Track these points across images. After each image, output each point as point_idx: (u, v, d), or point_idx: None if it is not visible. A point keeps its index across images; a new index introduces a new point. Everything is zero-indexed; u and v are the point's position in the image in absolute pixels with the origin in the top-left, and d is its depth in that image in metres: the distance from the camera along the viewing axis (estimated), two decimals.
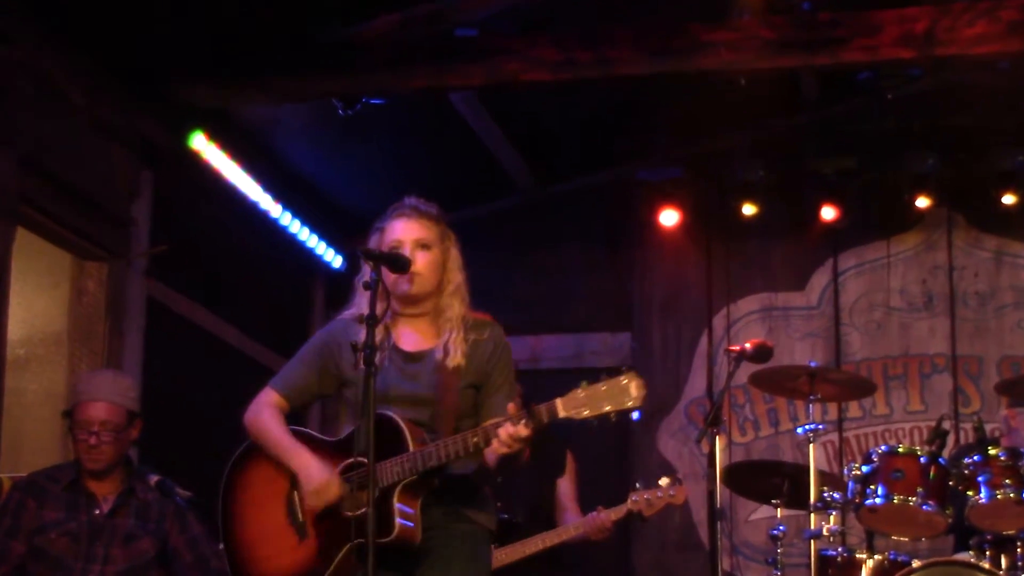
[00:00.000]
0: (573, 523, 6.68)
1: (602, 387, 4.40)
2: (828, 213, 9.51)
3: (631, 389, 4.37)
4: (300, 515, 4.69)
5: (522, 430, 4.42)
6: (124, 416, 5.76)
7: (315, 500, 4.61)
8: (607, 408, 4.38)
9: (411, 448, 4.53)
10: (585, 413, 4.40)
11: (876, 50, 7.17)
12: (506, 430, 4.43)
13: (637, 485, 6.56)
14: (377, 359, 4.58)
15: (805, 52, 7.28)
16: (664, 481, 6.52)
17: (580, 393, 4.41)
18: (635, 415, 4.42)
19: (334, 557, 4.56)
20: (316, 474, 4.62)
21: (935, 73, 8.80)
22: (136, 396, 5.88)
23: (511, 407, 4.51)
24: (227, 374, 8.37)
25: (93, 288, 7.34)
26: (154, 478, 5.84)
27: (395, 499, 4.51)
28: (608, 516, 6.57)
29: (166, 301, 7.95)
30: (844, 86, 9.02)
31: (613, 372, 4.43)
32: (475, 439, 4.50)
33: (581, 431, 6.04)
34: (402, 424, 4.56)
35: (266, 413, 4.81)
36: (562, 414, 4.42)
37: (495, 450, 4.50)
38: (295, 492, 4.71)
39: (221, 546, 4.86)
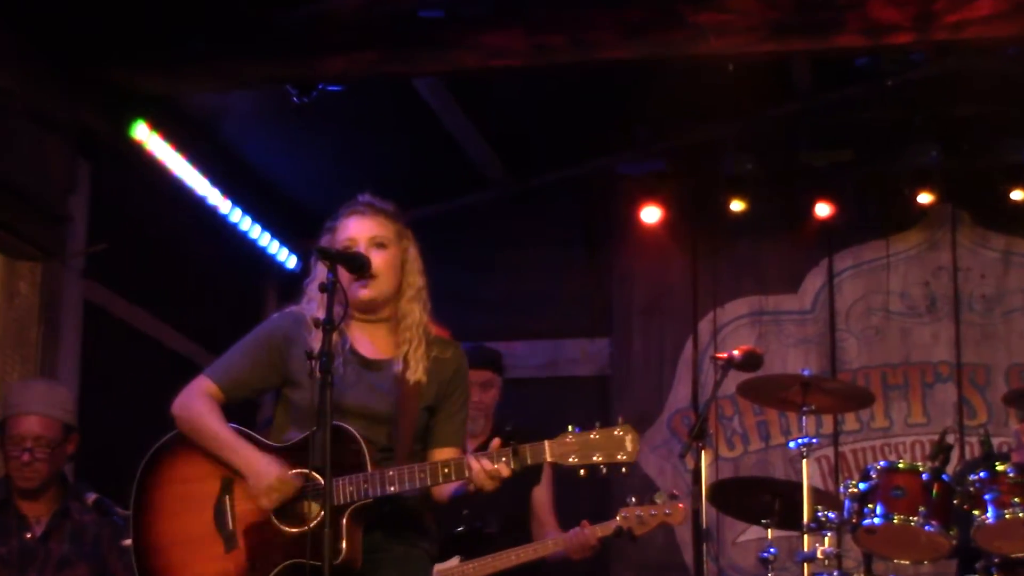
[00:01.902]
0: (552, 538, 6.64)
1: (593, 435, 4.45)
2: (823, 210, 9.52)
3: (626, 443, 4.44)
4: (230, 523, 4.62)
5: (503, 469, 4.45)
6: (59, 430, 5.74)
7: (267, 500, 4.54)
8: (597, 459, 4.43)
9: (369, 468, 4.52)
10: (573, 460, 4.45)
11: (873, 34, 7.18)
12: (485, 466, 4.44)
13: (631, 500, 6.54)
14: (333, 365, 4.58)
15: (798, 36, 7.29)
16: (660, 497, 6.49)
17: (569, 438, 4.46)
18: (623, 469, 4.47)
19: (267, 573, 4.52)
20: (267, 470, 4.56)
21: (938, 59, 8.81)
22: (72, 408, 5.86)
23: (495, 443, 4.52)
24: (171, 383, 8.29)
25: (25, 290, 7.30)
26: (92, 496, 5.82)
27: (344, 521, 4.49)
28: (594, 532, 6.51)
29: (105, 304, 7.92)
30: (840, 73, 9.03)
31: (606, 423, 4.48)
32: (446, 469, 4.51)
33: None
34: (361, 440, 4.54)
35: (201, 402, 4.76)
36: (549, 458, 4.46)
37: (466, 483, 4.51)
38: (226, 497, 4.65)
39: (128, 541, 4.77)
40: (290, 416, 4.75)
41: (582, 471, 4.46)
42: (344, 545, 4.45)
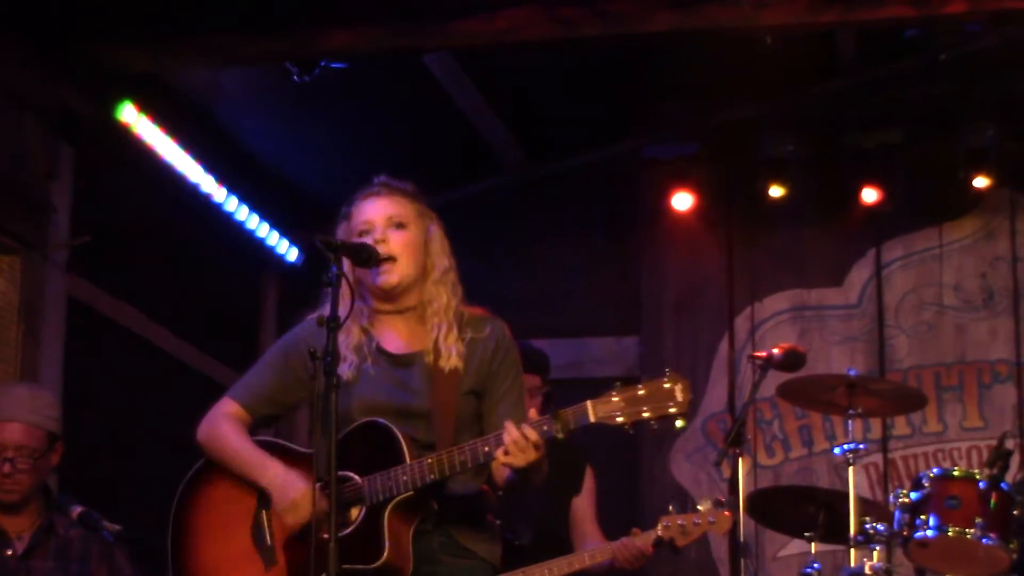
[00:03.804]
0: (599, 547, 6.63)
1: (640, 391, 4.45)
2: (870, 195, 9.52)
3: (676, 393, 4.44)
4: (268, 538, 4.70)
5: (531, 433, 4.43)
6: (43, 439, 5.75)
7: (293, 517, 4.61)
8: (646, 414, 4.43)
9: (408, 460, 4.55)
10: (620, 419, 4.44)
11: (924, 2, 7.17)
12: (511, 435, 4.44)
13: (671, 508, 6.53)
14: (355, 366, 4.63)
15: (843, 6, 7.28)
16: (704, 505, 6.47)
17: (614, 396, 4.45)
18: (678, 423, 4.47)
19: None
20: (291, 486, 4.62)
21: (995, 30, 8.79)
22: (57, 415, 5.87)
23: (532, 411, 4.52)
24: (162, 387, 8.36)
25: (3, 286, 7.31)
26: (77, 510, 5.83)
27: (386, 519, 4.53)
28: (647, 540, 6.51)
29: (90, 301, 7.93)
30: (888, 46, 9.01)
31: (652, 375, 4.49)
32: (486, 448, 4.51)
33: (598, 445, 6.01)
34: (398, 432, 4.58)
35: (224, 424, 4.82)
36: (593, 419, 4.45)
37: (502, 462, 4.52)
38: (262, 512, 4.72)
39: None
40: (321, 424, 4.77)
41: (631, 429, 4.45)
42: (386, 545, 4.49)
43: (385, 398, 4.69)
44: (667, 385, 4.45)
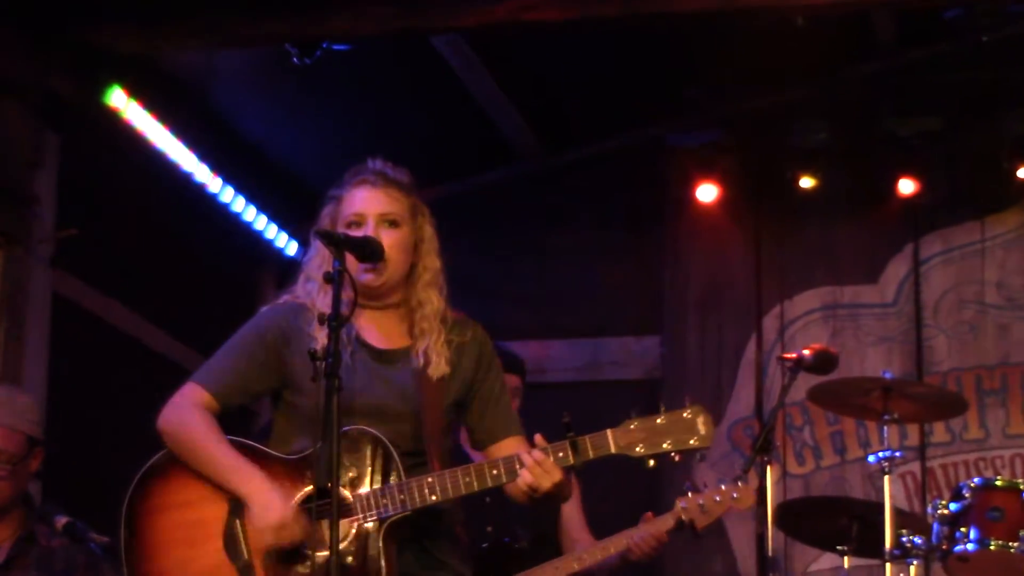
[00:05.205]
0: (622, 535, 6.61)
1: (659, 420, 4.53)
2: (907, 187, 9.50)
3: (698, 425, 4.53)
4: (245, 552, 4.64)
5: (546, 461, 4.48)
6: (23, 444, 5.75)
7: (270, 538, 4.56)
8: (667, 446, 4.52)
9: (403, 476, 4.54)
10: (640, 450, 4.53)
11: None
12: (537, 457, 4.48)
13: (688, 487, 6.51)
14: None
15: None
16: (723, 481, 6.46)
17: (633, 426, 4.52)
18: (699, 457, 4.56)
19: None
20: (275, 506, 4.56)
21: None
22: (38, 419, 5.88)
23: (539, 438, 4.53)
24: (153, 388, 8.30)
25: None
26: (62, 520, 5.82)
27: (381, 540, 4.52)
28: (662, 525, 6.47)
29: (77, 297, 7.94)
30: (927, 28, 8.99)
31: (672, 405, 4.58)
32: (495, 471, 4.55)
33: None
34: (392, 447, 4.57)
35: (196, 417, 4.75)
36: (614, 449, 4.53)
37: (520, 491, 4.55)
38: (236, 522, 4.65)
39: None
40: (295, 423, 4.74)
41: (652, 461, 4.54)
42: (383, 567, 4.50)
43: (368, 397, 4.67)
44: (687, 415, 4.55)
